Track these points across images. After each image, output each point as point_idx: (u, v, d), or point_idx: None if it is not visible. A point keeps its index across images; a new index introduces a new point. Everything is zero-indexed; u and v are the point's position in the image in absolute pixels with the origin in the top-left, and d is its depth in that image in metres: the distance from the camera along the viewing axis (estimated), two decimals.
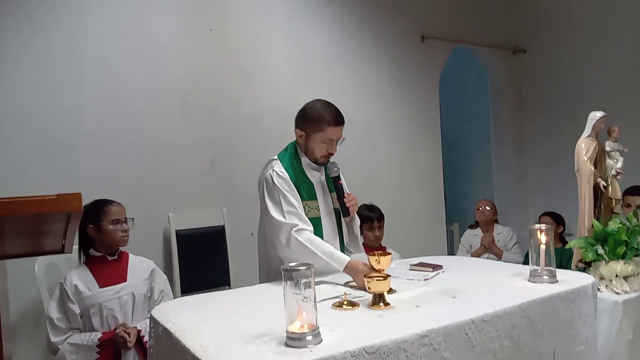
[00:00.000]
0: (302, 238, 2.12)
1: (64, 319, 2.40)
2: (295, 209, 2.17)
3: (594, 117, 2.74)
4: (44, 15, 3.17)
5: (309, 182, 2.30)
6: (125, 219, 2.56)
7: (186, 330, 1.52)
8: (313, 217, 2.24)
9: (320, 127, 2.22)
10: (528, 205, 5.67)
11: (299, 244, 2.11)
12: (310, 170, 2.32)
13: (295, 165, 2.29)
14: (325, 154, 2.27)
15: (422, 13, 4.94)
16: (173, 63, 3.62)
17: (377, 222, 3.36)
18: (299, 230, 2.13)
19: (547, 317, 1.77)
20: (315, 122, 2.23)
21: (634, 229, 2.50)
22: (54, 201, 0.98)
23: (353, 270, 2.03)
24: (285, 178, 2.22)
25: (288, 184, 2.21)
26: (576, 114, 3.40)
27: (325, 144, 2.25)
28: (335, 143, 2.27)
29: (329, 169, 2.32)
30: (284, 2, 4.14)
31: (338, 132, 2.25)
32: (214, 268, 3.63)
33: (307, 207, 2.25)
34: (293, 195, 2.20)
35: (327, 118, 2.22)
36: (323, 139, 2.23)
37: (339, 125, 2.24)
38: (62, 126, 3.21)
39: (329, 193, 2.36)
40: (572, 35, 5.19)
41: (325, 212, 2.31)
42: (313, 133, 2.24)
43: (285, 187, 2.20)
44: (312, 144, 2.26)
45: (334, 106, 2.28)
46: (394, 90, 4.78)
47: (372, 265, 1.89)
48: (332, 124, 2.22)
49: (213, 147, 3.77)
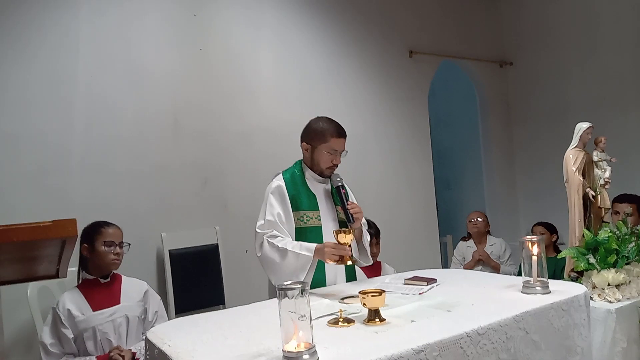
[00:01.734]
0: (272, 240, 2.26)
1: (57, 344, 2.37)
2: (275, 219, 2.31)
3: (581, 128, 2.78)
4: (31, 40, 3.18)
5: (310, 193, 2.42)
6: (120, 243, 2.54)
7: (182, 352, 1.51)
8: (313, 226, 2.37)
9: (325, 139, 2.38)
10: (519, 214, 5.71)
11: (269, 246, 2.26)
12: (314, 182, 2.45)
13: (297, 177, 2.43)
14: (330, 165, 2.41)
15: (410, 28, 5.01)
16: (163, 85, 3.64)
17: (375, 239, 3.36)
18: (272, 235, 2.28)
19: (541, 328, 1.78)
20: (320, 135, 2.39)
21: (624, 238, 2.52)
22: (49, 227, 0.98)
23: (320, 251, 2.19)
24: (281, 189, 2.37)
25: (282, 195, 2.36)
26: (563, 124, 3.46)
27: (329, 154, 2.38)
28: (339, 155, 2.41)
29: (333, 179, 2.44)
30: (273, 19, 4.19)
31: (341, 144, 2.40)
32: (208, 287, 3.61)
33: (305, 216, 2.37)
34: (282, 206, 2.34)
35: (330, 130, 2.39)
36: (328, 149, 2.38)
37: (341, 137, 2.40)
38: (51, 150, 3.21)
39: (334, 204, 2.47)
40: (556, 48, 5.29)
41: (328, 221, 2.42)
42: (318, 145, 2.39)
43: (276, 198, 2.35)
44: (317, 155, 2.40)
45: (336, 121, 2.45)
46: (384, 104, 4.82)
47: (338, 240, 2.11)
48: (335, 135, 2.38)
49: (204, 166, 3.77)
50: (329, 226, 2.40)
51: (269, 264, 2.28)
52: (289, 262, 2.22)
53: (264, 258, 2.29)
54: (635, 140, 4.70)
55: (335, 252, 2.13)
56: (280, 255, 2.24)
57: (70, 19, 3.31)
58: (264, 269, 2.33)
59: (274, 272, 2.28)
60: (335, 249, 2.13)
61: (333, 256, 2.14)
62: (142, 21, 3.59)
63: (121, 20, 3.50)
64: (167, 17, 3.70)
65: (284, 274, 2.21)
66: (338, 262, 2.15)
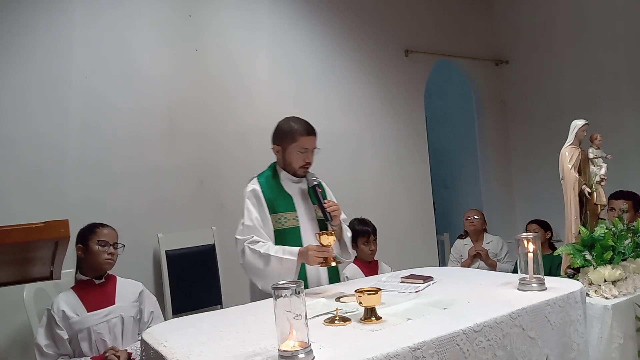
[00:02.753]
0: (254, 246, 2.25)
1: (52, 345, 2.37)
2: (254, 223, 2.30)
3: (576, 125, 2.78)
4: (25, 43, 3.17)
5: (286, 195, 2.41)
6: (115, 244, 2.54)
7: (178, 353, 1.51)
8: (291, 227, 2.36)
9: (294, 139, 2.36)
10: (515, 212, 5.73)
11: (251, 252, 2.25)
12: (289, 184, 2.43)
13: (272, 180, 2.42)
14: (303, 164, 2.39)
15: (405, 28, 5.01)
16: (158, 86, 3.63)
17: (372, 236, 3.37)
18: (252, 241, 2.27)
19: (538, 325, 1.78)
20: (289, 135, 2.37)
21: (620, 234, 2.53)
22: (41, 228, 0.98)
23: (304, 254, 2.18)
24: (256, 193, 2.36)
25: (257, 198, 2.35)
26: (558, 122, 3.46)
27: (301, 153, 2.36)
28: (310, 153, 2.39)
29: (308, 179, 2.41)
30: (268, 20, 4.19)
31: (311, 142, 2.38)
32: (205, 287, 3.61)
33: (283, 218, 2.36)
34: (258, 210, 2.33)
35: (299, 129, 2.36)
36: (298, 148, 2.36)
37: (310, 135, 2.38)
38: (47, 153, 3.20)
39: (310, 203, 2.44)
40: (551, 46, 5.30)
41: (306, 221, 2.40)
42: (288, 145, 2.37)
43: (252, 202, 2.35)
44: (289, 156, 2.39)
45: (305, 120, 2.42)
46: (380, 104, 4.82)
47: (321, 242, 2.10)
48: (304, 133, 2.36)
49: (201, 167, 3.77)
50: (307, 226, 2.39)
51: (253, 271, 2.27)
52: (273, 268, 2.21)
53: (247, 265, 2.27)
54: (630, 137, 4.71)
55: (319, 255, 2.13)
56: (264, 262, 2.23)
57: (64, 21, 3.31)
58: (248, 275, 2.32)
59: (259, 278, 2.26)
60: (319, 251, 2.13)
61: (317, 258, 2.13)
62: (137, 22, 3.58)
63: (115, 21, 3.49)
64: (162, 18, 3.69)
65: (269, 279, 2.18)
66: (322, 264, 2.16)
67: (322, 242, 2.12)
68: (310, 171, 2.43)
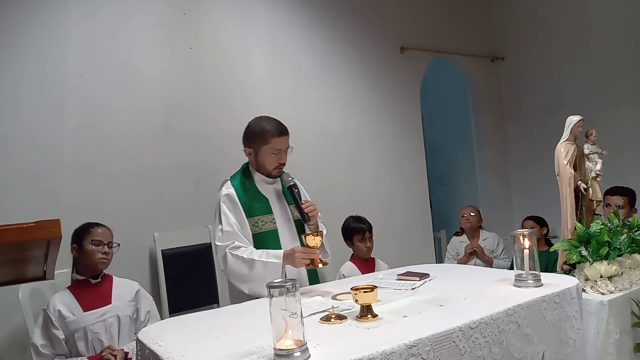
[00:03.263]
0: (236, 252, 2.20)
1: (48, 345, 2.36)
2: (233, 228, 2.24)
3: (572, 121, 2.78)
4: (20, 42, 3.15)
5: (262, 198, 2.35)
6: (109, 243, 2.53)
7: (173, 352, 1.50)
8: (269, 230, 2.31)
9: (266, 140, 2.30)
10: (512, 209, 5.73)
11: (233, 258, 2.19)
12: (264, 185, 2.38)
13: (246, 183, 2.36)
14: (276, 165, 2.34)
15: (401, 24, 5.01)
16: (153, 85, 3.62)
17: (368, 233, 3.36)
18: (234, 247, 2.21)
19: (534, 321, 1.78)
20: (260, 137, 2.31)
21: (615, 230, 2.53)
22: (32, 228, 0.97)
23: (290, 256, 2.13)
24: (231, 197, 2.29)
25: (233, 203, 2.29)
26: (555, 118, 3.45)
27: (274, 155, 2.31)
28: (284, 153, 2.33)
29: (283, 179, 2.37)
30: (264, 17, 4.17)
31: (284, 142, 2.32)
32: (202, 286, 3.60)
33: (260, 221, 2.30)
34: (235, 215, 2.27)
35: (270, 130, 2.30)
36: (271, 150, 2.30)
37: (282, 135, 2.32)
38: (42, 152, 3.19)
39: (286, 204, 2.40)
40: (547, 42, 5.30)
41: (283, 223, 2.36)
42: (260, 147, 2.32)
43: (228, 207, 2.28)
44: (261, 158, 2.33)
45: (276, 119, 2.36)
46: (376, 101, 4.82)
47: (307, 243, 2.07)
48: (276, 134, 2.30)
49: (197, 166, 3.76)
50: (284, 228, 2.35)
51: (238, 277, 2.22)
52: (258, 272, 2.16)
53: (231, 272, 2.22)
54: (626, 133, 4.72)
55: (306, 256, 2.10)
56: (248, 267, 2.18)
57: (59, 20, 3.29)
58: (232, 281, 2.26)
59: (243, 283, 2.22)
60: (306, 253, 2.10)
61: (304, 260, 2.10)
62: (132, 21, 3.57)
63: (111, 20, 3.48)
64: (157, 16, 3.68)
65: (255, 283, 2.17)
66: (308, 266, 2.14)
67: (308, 244, 2.08)
68: (285, 171, 2.38)
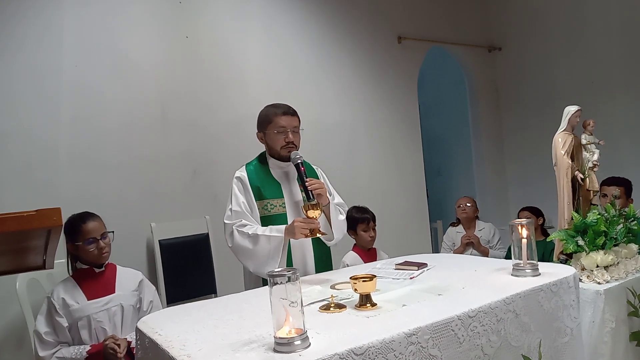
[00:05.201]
0: (242, 229, 2.27)
1: (52, 332, 2.36)
2: (241, 208, 2.32)
3: (569, 111, 2.78)
4: (14, 33, 3.12)
5: (274, 182, 2.42)
6: (103, 234, 2.49)
7: (173, 341, 1.50)
8: (278, 214, 2.37)
9: (270, 120, 2.38)
10: (508, 199, 5.75)
11: (239, 235, 2.27)
12: (277, 170, 2.45)
13: (260, 167, 2.44)
14: (284, 144, 2.37)
15: (398, 14, 4.98)
16: (149, 75, 3.60)
17: (372, 223, 3.37)
18: (241, 224, 2.29)
19: (531, 310, 1.79)
20: (265, 118, 2.41)
21: (612, 220, 2.54)
22: (33, 217, 0.97)
23: (290, 229, 2.20)
24: (242, 180, 2.38)
25: (244, 185, 2.37)
26: (551, 108, 3.47)
27: (279, 133, 2.36)
28: (289, 132, 2.37)
29: (292, 158, 2.36)
30: (260, 7, 4.15)
31: (287, 120, 2.37)
32: (200, 276, 3.61)
33: (270, 205, 2.37)
34: (245, 195, 2.36)
35: (274, 111, 2.39)
36: (275, 129, 2.36)
37: (286, 114, 2.37)
38: (38, 144, 3.17)
39: (296, 184, 2.44)
40: (544, 32, 5.30)
41: (292, 207, 2.41)
42: (266, 129, 2.40)
43: (239, 188, 2.37)
44: (269, 140, 2.41)
45: (285, 104, 2.44)
46: (373, 92, 4.81)
47: (307, 215, 2.15)
48: (279, 113, 2.37)
49: (194, 156, 3.75)
50: (294, 213, 2.39)
51: (242, 252, 2.29)
52: (262, 247, 2.24)
53: (237, 247, 2.30)
54: (623, 123, 4.74)
55: (305, 226, 2.15)
56: (252, 242, 2.26)
57: (53, 10, 3.26)
58: (238, 258, 2.34)
59: (248, 259, 2.29)
60: (305, 223, 2.16)
61: (303, 230, 2.15)
62: (127, 10, 3.54)
63: (105, 9, 3.45)
64: (153, 5, 3.65)
65: (258, 259, 2.24)
66: (307, 236, 2.18)
67: (308, 215, 2.15)
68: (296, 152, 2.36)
